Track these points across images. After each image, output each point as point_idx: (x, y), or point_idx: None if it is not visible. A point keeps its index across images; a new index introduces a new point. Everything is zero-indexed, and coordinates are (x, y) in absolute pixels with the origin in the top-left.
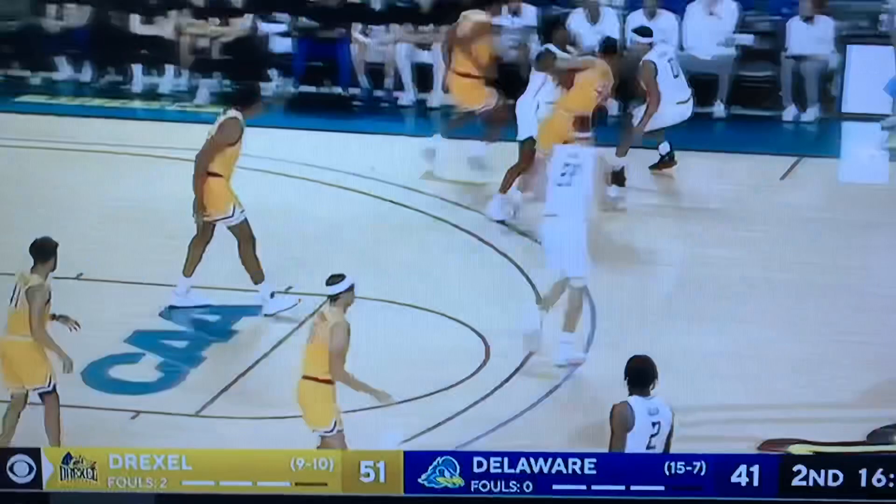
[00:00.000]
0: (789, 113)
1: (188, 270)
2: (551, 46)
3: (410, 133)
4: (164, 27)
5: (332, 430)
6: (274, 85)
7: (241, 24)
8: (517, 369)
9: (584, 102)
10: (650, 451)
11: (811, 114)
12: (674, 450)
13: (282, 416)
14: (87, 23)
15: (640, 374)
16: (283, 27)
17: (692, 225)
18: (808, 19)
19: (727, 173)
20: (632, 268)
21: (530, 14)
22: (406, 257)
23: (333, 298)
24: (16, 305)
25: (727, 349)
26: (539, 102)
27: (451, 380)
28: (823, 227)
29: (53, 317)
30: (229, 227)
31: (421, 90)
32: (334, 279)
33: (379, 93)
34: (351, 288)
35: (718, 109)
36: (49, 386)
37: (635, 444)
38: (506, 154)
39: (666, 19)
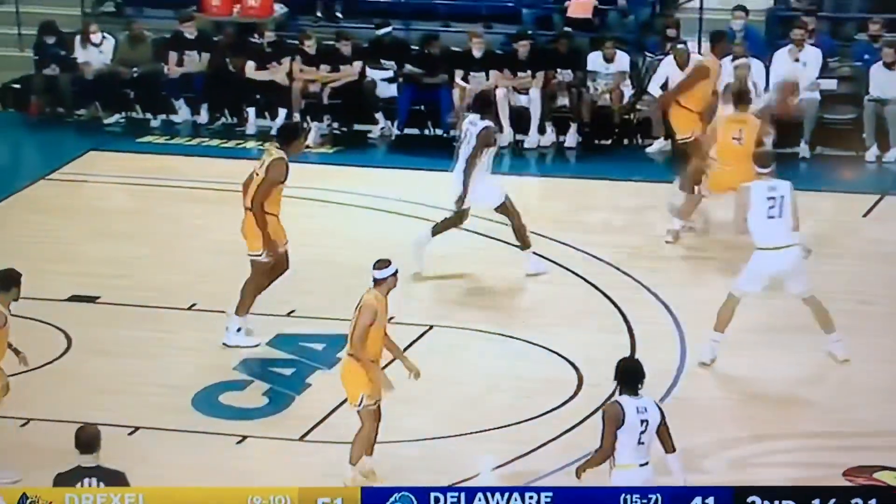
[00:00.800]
0: (871, 153)
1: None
2: None
3: (506, 172)
4: (277, 73)
5: (359, 406)
6: (379, 127)
7: (351, 71)
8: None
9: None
10: (640, 446)
11: (893, 154)
12: (750, 476)
13: (380, 442)
14: (205, 69)
15: (631, 375)
16: (389, 73)
17: None
18: (889, 65)
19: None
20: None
21: (623, 60)
22: (500, 289)
23: (377, 282)
24: None
25: (813, 376)
26: None
27: (543, 408)
28: None
29: (9, 345)
30: (254, 262)
31: (517, 131)
32: (381, 264)
33: None
34: (395, 274)
35: (803, 149)
36: None
37: (626, 440)
38: None
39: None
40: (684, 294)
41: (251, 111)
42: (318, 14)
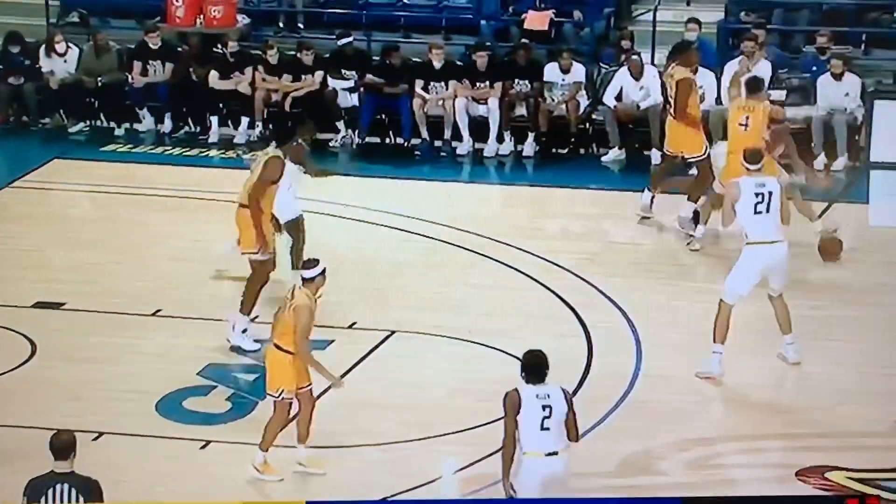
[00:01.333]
0: (819, 161)
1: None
2: None
3: (466, 179)
4: (240, 83)
5: (277, 396)
6: (340, 136)
7: (312, 80)
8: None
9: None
10: (545, 432)
11: (841, 163)
12: (707, 477)
13: (344, 446)
14: (168, 78)
15: (533, 366)
16: (350, 83)
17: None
18: (836, 76)
19: None
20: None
21: (579, 71)
22: (460, 294)
23: (305, 281)
24: None
25: (768, 379)
26: None
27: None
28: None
29: None
30: (252, 261)
31: (476, 140)
32: (308, 263)
33: (438, 143)
34: (322, 273)
35: None
36: None
37: (527, 426)
38: None
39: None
40: (641, 299)
41: (214, 120)
42: (281, 25)
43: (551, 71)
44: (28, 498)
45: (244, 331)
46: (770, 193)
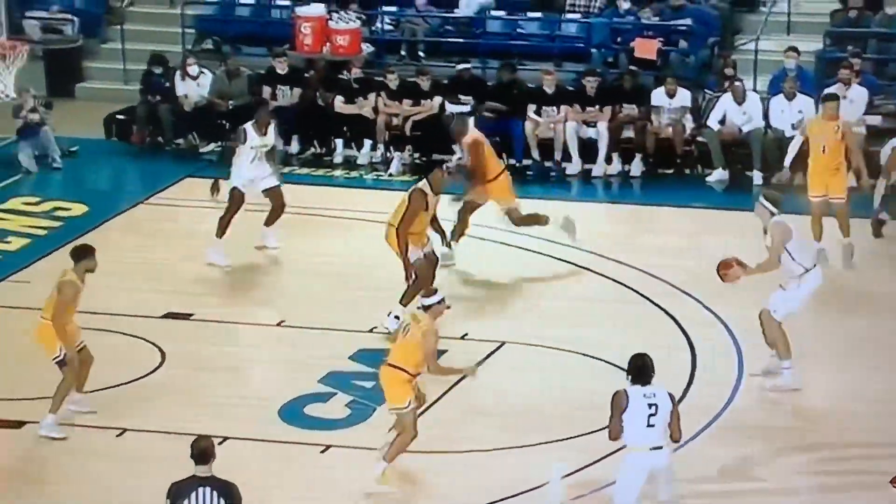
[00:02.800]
0: None
1: None
2: None
3: (575, 198)
4: (363, 107)
5: (406, 408)
6: (456, 158)
7: (430, 105)
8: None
9: None
10: (650, 428)
11: None
12: (802, 483)
13: (452, 451)
14: (296, 102)
15: (639, 369)
16: (466, 108)
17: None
18: None
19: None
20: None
21: (685, 96)
22: (567, 307)
23: (425, 308)
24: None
25: (858, 390)
26: None
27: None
28: None
29: None
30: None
31: (586, 161)
32: (429, 292)
33: (548, 164)
34: (441, 302)
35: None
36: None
37: (633, 423)
38: None
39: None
40: (742, 313)
41: (339, 142)
42: (402, 53)
43: (658, 96)
44: (171, 501)
45: (397, 317)
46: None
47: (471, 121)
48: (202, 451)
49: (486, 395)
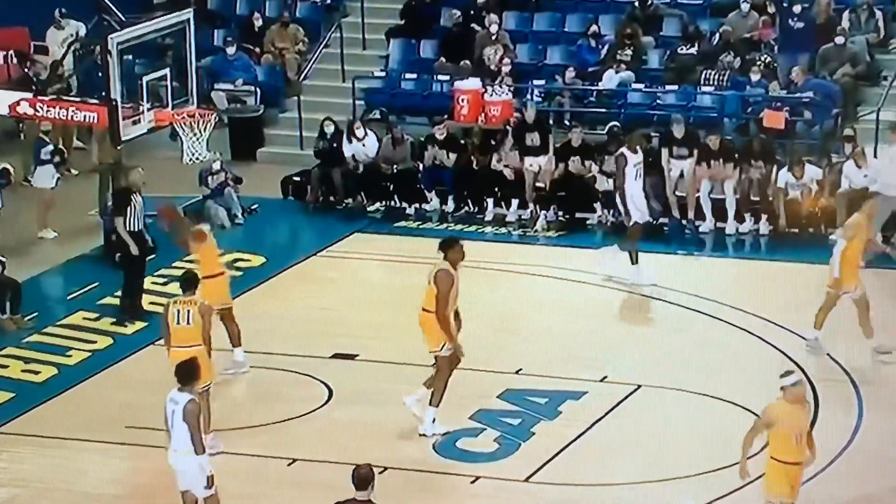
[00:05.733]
0: None
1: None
2: None
3: (709, 254)
4: (511, 167)
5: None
6: (597, 216)
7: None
8: None
9: None
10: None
11: None
12: None
13: (594, 484)
14: (453, 165)
15: None
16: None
17: None
18: None
19: None
20: None
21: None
22: (700, 354)
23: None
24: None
25: None
26: None
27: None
28: None
29: None
30: (438, 358)
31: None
32: (786, 373)
33: (683, 221)
34: (796, 383)
35: None
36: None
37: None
38: None
39: None
40: (859, 358)
41: (490, 201)
42: (550, 122)
43: (784, 175)
44: None
45: (433, 420)
46: None
47: (610, 181)
48: (362, 477)
49: (622, 434)
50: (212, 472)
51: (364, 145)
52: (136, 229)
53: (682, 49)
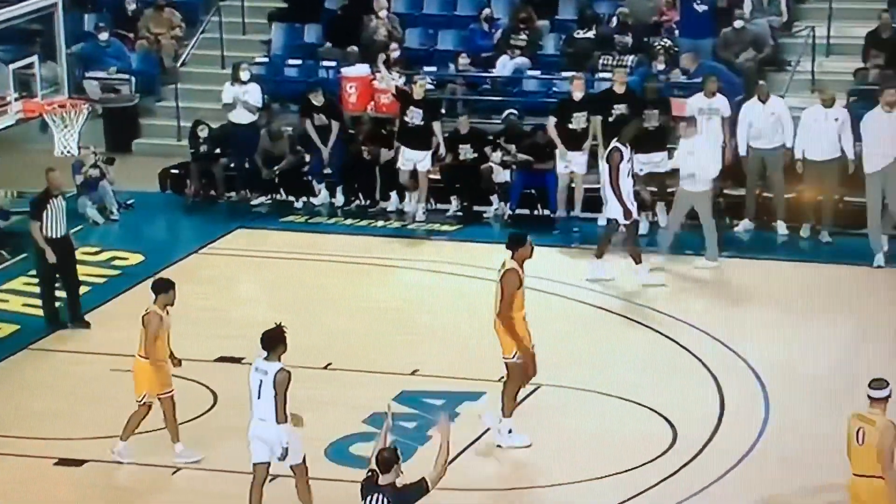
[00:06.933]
0: None
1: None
2: None
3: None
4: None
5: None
6: (494, 208)
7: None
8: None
9: None
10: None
11: None
12: None
13: (489, 489)
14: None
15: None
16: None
17: None
18: None
19: None
20: None
21: None
22: (591, 349)
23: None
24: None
25: None
26: None
27: (642, 460)
28: None
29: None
30: (510, 365)
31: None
32: (877, 383)
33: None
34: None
35: None
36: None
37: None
38: None
39: None
40: (768, 357)
41: (393, 195)
42: (442, 111)
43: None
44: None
45: (510, 431)
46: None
47: (506, 172)
48: (385, 461)
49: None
50: (288, 443)
51: (245, 93)
52: (58, 236)
53: (578, 33)
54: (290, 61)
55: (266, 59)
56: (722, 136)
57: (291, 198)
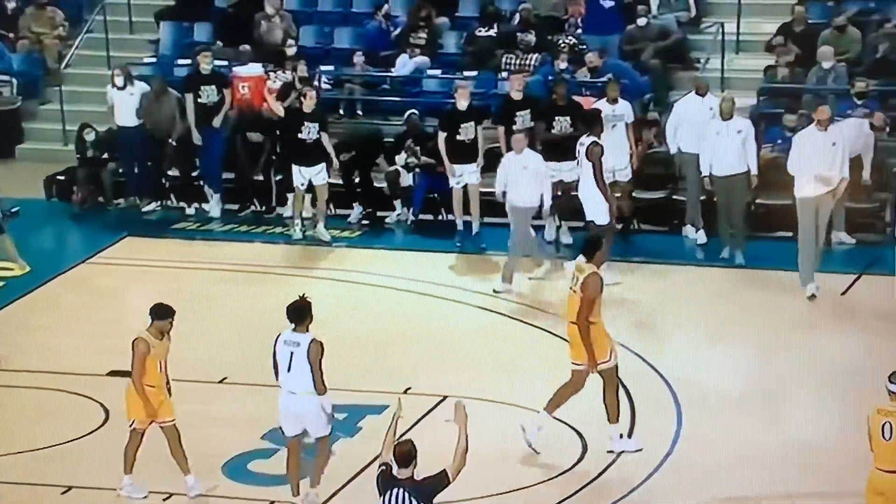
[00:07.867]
0: None
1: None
2: None
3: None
4: None
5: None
6: (396, 214)
7: None
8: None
9: None
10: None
11: None
12: None
13: None
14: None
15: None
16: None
17: None
18: None
19: None
20: None
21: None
22: (498, 359)
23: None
24: None
25: (800, 440)
26: None
27: (553, 472)
28: None
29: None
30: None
31: None
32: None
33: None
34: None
35: None
36: None
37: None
38: None
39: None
40: (680, 365)
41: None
42: (341, 112)
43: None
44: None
45: (621, 436)
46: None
47: (409, 176)
48: (404, 454)
49: (430, 451)
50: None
51: (131, 94)
52: None
53: (480, 31)
54: (180, 61)
55: (154, 59)
56: (628, 142)
57: (183, 204)
